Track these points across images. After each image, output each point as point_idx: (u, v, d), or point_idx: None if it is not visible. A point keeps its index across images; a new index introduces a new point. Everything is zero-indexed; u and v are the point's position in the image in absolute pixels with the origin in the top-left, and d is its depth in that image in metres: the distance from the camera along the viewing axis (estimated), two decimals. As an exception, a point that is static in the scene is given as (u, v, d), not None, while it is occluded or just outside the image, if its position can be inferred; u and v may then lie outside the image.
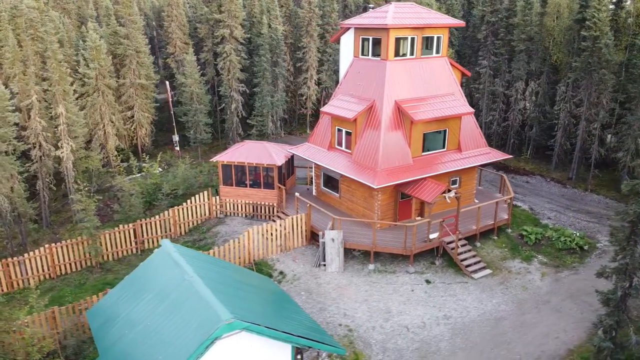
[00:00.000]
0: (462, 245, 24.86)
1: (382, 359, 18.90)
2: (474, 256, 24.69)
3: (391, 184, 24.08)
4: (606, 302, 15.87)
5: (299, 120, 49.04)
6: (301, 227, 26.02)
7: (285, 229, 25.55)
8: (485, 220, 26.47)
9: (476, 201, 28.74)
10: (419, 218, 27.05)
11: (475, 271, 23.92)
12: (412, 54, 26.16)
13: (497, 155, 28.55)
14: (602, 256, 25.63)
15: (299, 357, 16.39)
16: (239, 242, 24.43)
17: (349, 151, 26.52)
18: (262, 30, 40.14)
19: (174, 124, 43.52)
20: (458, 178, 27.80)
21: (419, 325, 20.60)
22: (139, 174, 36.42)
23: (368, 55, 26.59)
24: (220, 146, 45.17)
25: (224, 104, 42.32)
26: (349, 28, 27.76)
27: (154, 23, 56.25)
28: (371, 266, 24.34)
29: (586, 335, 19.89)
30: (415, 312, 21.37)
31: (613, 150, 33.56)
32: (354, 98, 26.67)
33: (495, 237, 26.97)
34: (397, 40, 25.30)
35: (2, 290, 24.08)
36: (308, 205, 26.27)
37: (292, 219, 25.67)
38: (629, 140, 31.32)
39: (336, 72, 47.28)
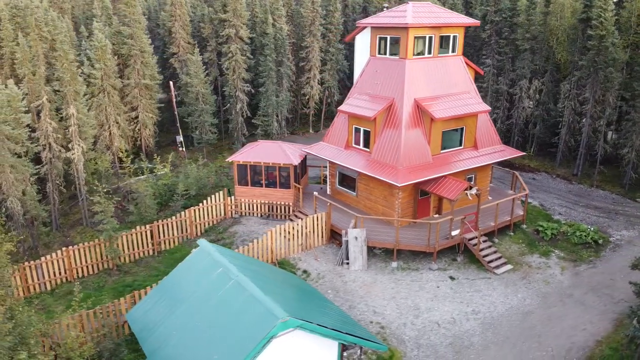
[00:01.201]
0: (483, 242, 25.21)
1: (417, 355, 19.10)
2: (494, 252, 25.07)
3: (413, 182, 24.30)
4: (639, 293, 16.29)
5: (301, 120, 49.05)
6: (321, 226, 26.11)
7: (306, 228, 25.61)
8: (502, 216, 26.88)
9: (490, 198, 29.16)
10: (437, 215, 27.38)
11: (497, 267, 24.29)
12: (429, 52, 26.43)
13: (511, 153, 29.00)
14: (616, 250, 26.26)
15: (345, 354, 16.50)
16: (262, 242, 24.43)
17: (368, 150, 26.68)
18: (267, 30, 40.06)
19: (178, 124, 43.20)
20: (473, 175, 28.17)
21: (449, 320, 20.86)
22: (151, 175, 36.07)
23: (385, 54, 26.78)
24: (224, 146, 45.01)
25: (228, 104, 42.13)
26: (364, 27, 27.92)
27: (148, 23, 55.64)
28: (394, 264, 24.54)
29: (612, 327, 20.39)
30: (443, 308, 21.63)
31: (617, 147, 34.31)
32: (371, 97, 26.83)
33: (512, 233, 27.40)
34: (416, 39, 25.55)
35: (19, 295, 23.69)
36: (328, 204, 26.37)
37: (313, 218, 25.74)
38: (634, 136, 32.10)
39: (339, 71, 47.53)
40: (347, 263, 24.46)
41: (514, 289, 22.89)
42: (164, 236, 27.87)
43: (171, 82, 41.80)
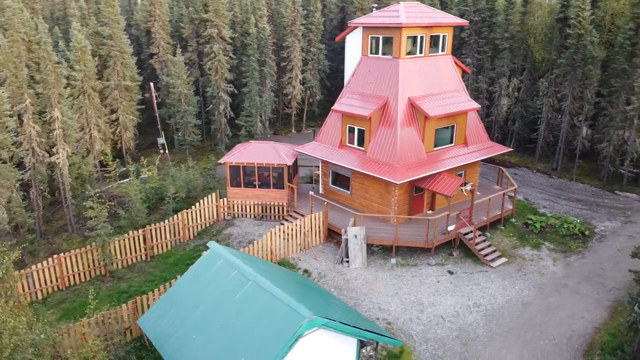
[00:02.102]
0: (478, 236, 25.81)
1: (425, 348, 19.44)
2: (489, 246, 25.72)
3: (411, 179, 24.68)
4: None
5: (282, 120, 48.95)
6: (319, 225, 26.21)
7: (304, 227, 25.66)
8: (493, 211, 27.57)
9: (478, 193, 29.85)
10: (430, 212, 27.87)
11: (492, 260, 24.93)
12: (420, 52, 26.88)
13: (499, 149, 29.78)
14: (602, 240, 27.34)
15: (363, 350, 16.67)
16: (262, 243, 24.35)
17: (362, 148, 26.93)
18: (250, 30, 39.82)
19: (159, 126, 42.48)
20: (463, 172, 28.80)
21: (452, 314, 21.30)
22: (137, 179, 35.36)
23: (378, 54, 27.08)
24: (207, 148, 44.54)
25: (211, 105, 41.67)
26: (355, 27, 28.15)
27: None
28: (393, 260, 24.87)
29: (608, 314, 21.26)
30: (446, 302, 22.07)
31: (594, 142, 35.69)
32: (365, 96, 27.09)
33: (502, 227, 28.16)
34: (409, 38, 25.94)
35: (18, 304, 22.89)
36: (325, 203, 26.50)
37: (311, 217, 25.81)
38: (611, 131, 33.47)
39: (320, 71, 47.65)
40: (347, 261, 24.63)
41: (511, 281, 23.55)
42: (156, 240, 27.42)
43: (151, 84, 41.03)
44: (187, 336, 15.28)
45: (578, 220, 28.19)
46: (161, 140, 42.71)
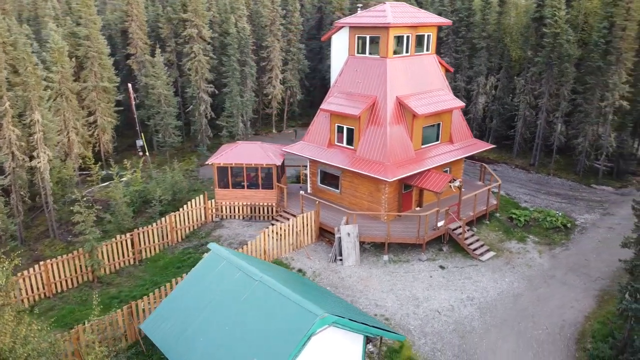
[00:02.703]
0: (466, 231, 26.35)
1: (425, 342, 19.78)
2: (477, 240, 26.31)
3: (402, 176, 25.02)
4: (631, 270, 17.76)
5: (263, 121, 48.75)
6: (310, 224, 26.29)
7: (296, 227, 25.70)
8: (479, 206, 28.22)
9: (463, 189, 30.44)
10: (419, 208, 28.32)
11: (481, 254, 25.52)
12: (407, 51, 27.26)
13: (482, 146, 30.47)
14: (583, 232, 28.32)
15: (369, 346, 16.86)
16: (255, 243, 24.27)
17: (352, 147, 27.14)
18: (230, 30, 39.55)
19: (138, 128, 41.74)
20: (448, 168, 29.36)
21: (448, 308, 21.72)
22: (119, 181, 34.71)
23: (365, 54, 27.33)
24: (187, 149, 44.00)
25: (191, 106, 41.20)
26: (341, 27, 28.34)
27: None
28: (385, 257, 25.17)
29: (595, 303, 22.07)
30: (440, 296, 22.48)
31: (570, 137, 36.87)
32: (353, 95, 27.31)
33: (488, 222, 28.83)
34: (395, 38, 26.29)
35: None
36: (317, 202, 26.61)
37: (303, 217, 25.87)
38: (586, 127, 34.67)
39: (300, 71, 47.70)
40: (341, 259, 24.80)
41: (501, 274, 24.16)
42: (144, 244, 26.99)
43: (129, 85, 40.28)
44: (195, 338, 15.15)
45: (560, 214, 29.13)
46: (140, 142, 42.02)
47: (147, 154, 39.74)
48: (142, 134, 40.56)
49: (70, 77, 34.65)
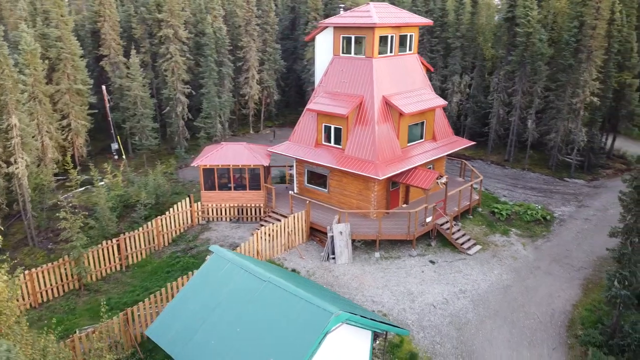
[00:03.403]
0: (450, 226, 26.99)
1: (423, 336, 20.21)
2: (463, 235, 26.99)
3: (392, 174, 25.42)
4: (619, 258, 18.66)
5: (239, 121, 48.38)
6: (301, 224, 26.38)
7: (288, 227, 25.75)
8: (462, 201, 28.94)
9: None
10: (405, 205, 28.82)
11: (469, 248, 26.21)
12: (391, 51, 27.70)
13: (464, 143, 31.27)
14: (562, 224, 29.46)
15: (377, 341, 17.12)
16: (249, 244, 24.19)
17: (340, 146, 27.37)
18: (207, 30, 39.13)
19: (113, 131, 40.79)
20: (432, 165, 29.99)
21: (442, 301, 22.24)
22: (96, 186, 33.88)
23: (350, 54, 27.61)
24: (163, 152, 43.25)
25: (167, 107, 40.53)
26: (325, 27, 28.52)
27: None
28: (377, 254, 25.53)
29: (581, 292, 23.05)
30: (433, 290, 22.97)
31: (543, 133, 38.21)
32: (339, 95, 27.54)
33: (471, 217, 29.60)
34: (380, 38, 26.67)
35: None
36: (307, 202, 26.72)
37: (294, 217, 25.93)
38: (558, 122, 36.04)
39: (277, 71, 47.63)
40: (333, 258, 25.00)
41: (489, 267, 24.89)
42: (131, 249, 26.49)
43: (103, 87, 39.31)
44: (206, 341, 15.04)
45: (539, 207, 30.21)
46: (115, 145, 41.09)
47: (123, 157, 38.86)
48: (118, 137, 39.65)
49: (43, 80, 33.55)
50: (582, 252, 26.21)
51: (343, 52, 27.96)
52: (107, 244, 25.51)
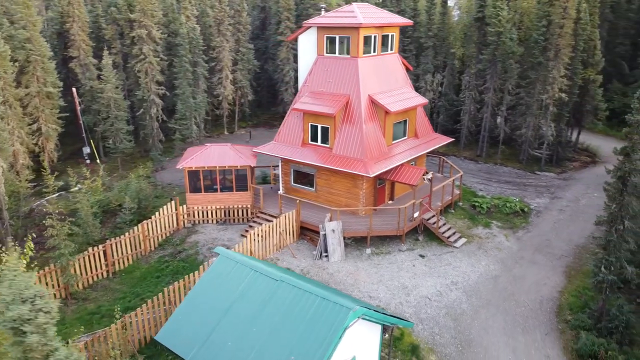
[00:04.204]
0: (436, 220, 27.74)
1: (422, 328, 20.77)
2: (449, 228, 27.79)
3: (381, 171, 25.89)
4: (606, 245, 19.75)
5: (212, 122, 47.83)
6: (292, 224, 26.50)
7: (279, 227, 25.82)
8: (445, 196, 29.77)
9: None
10: (391, 202, 29.40)
11: (455, 241, 27.02)
12: (374, 51, 28.18)
13: (444, 140, 32.16)
14: (539, 215, 30.76)
15: (386, 335, 17.49)
16: (242, 245, 24.11)
17: (327, 145, 27.64)
18: (180, 30, 38.55)
19: (84, 135, 39.62)
20: (414, 162, 30.69)
21: (436, 294, 22.88)
22: (69, 192, 32.93)
23: (335, 53, 27.90)
24: (137, 155, 42.31)
25: (141, 109, 39.70)
26: (308, 27, 28.71)
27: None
28: (368, 250, 25.96)
29: (565, 279, 24.21)
30: (427, 283, 23.59)
31: (514, 128, 39.67)
32: (325, 95, 27.80)
33: (453, 211, 30.49)
34: (365, 38, 27.09)
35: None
36: (297, 201, 26.87)
37: (285, 217, 26.03)
38: (528, 118, 37.53)
39: (250, 71, 47.42)
40: (326, 255, 25.25)
41: (477, 259, 25.76)
42: (118, 255, 25.92)
43: (74, 89, 38.11)
44: (222, 343, 15.00)
45: (517, 199, 31.43)
46: (87, 149, 39.92)
47: (97, 161, 37.81)
48: (91, 141, 38.55)
49: (12, 83, 32.27)
50: (562, 241, 27.48)
51: (327, 52, 28.23)
52: (93, 250, 24.87)
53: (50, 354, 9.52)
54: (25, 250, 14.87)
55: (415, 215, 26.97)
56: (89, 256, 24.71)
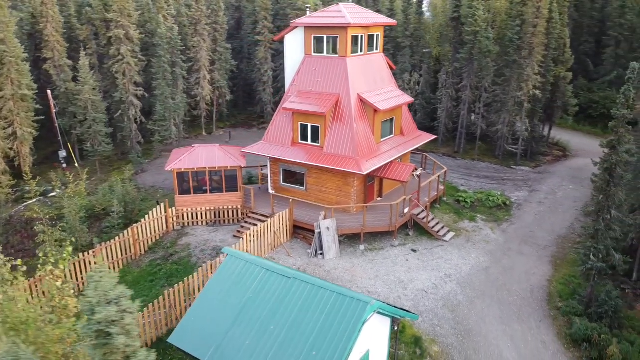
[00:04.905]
0: (426, 215, 28.44)
1: (422, 320, 21.31)
2: (438, 223, 28.52)
3: (373, 168, 26.33)
4: (594, 234, 20.77)
5: (190, 123, 47.23)
6: (285, 223, 26.63)
7: (274, 226, 25.91)
8: (432, 192, 30.51)
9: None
10: (379, 199, 29.91)
11: (444, 235, 27.76)
12: (361, 50, 28.59)
13: (428, 137, 32.92)
14: (520, 208, 31.90)
15: (395, 328, 17.90)
16: (240, 245, 24.08)
17: (318, 144, 27.88)
18: (159, 30, 37.98)
19: (60, 138, 38.53)
20: (400, 159, 31.29)
21: (432, 286, 23.49)
22: (45, 197, 32.05)
23: (323, 53, 28.16)
24: (115, 158, 41.43)
25: (119, 111, 38.89)
26: (295, 27, 28.87)
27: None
28: (362, 247, 26.38)
29: (552, 268, 25.26)
30: (421, 277, 24.19)
31: (490, 125, 40.91)
32: (314, 94, 28.03)
33: (438, 206, 31.29)
34: (353, 38, 27.47)
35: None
36: (290, 201, 27.03)
37: (279, 216, 26.13)
38: (504, 115, 38.79)
39: (228, 70, 47.13)
40: (322, 253, 25.51)
41: (467, 251, 26.55)
42: (108, 260, 25.44)
43: (49, 91, 37.01)
44: (240, 342, 15.07)
45: (499, 193, 32.49)
46: (63, 153, 38.85)
47: (77, 164, 36.84)
48: (69, 144, 37.53)
49: (-14, 86, 31.20)
50: (545, 232, 28.63)
51: (315, 52, 28.46)
52: (84, 256, 24.35)
53: (132, 356, 9.50)
54: (64, 254, 14.57)
55: (406, 211, 27.55)
56: (79, 262, 24.19)
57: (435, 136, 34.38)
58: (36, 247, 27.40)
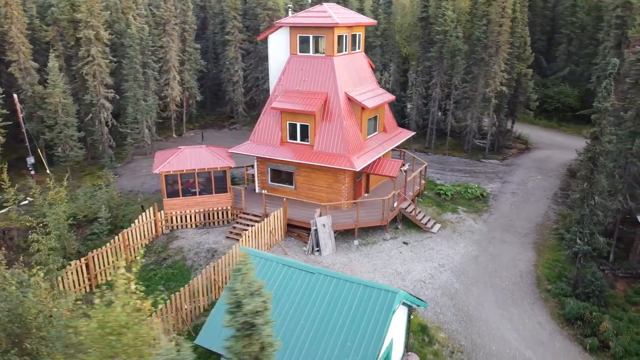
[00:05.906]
0: (414, 209, 29.44)
1: (426, 309, 22.15)
2: (424, 216, 29.57)
3: (365, 165, 26.98)
4: (580, 220, 22.31)
5: (160, 124, 46.18)
6: (280, 221, 26.85)
7: (270, 225, 26.08)
8: (415, 186, 31.56)
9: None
10: (367, 194, 30.65)
11: (432, 227, 28.84)
12: (345, 50, 29.18)
13: (408, 134, 33.97)
14: (496, 199, 33.52)
15: (412, 317, 18.60)
16: (239, 246, 24.12)
17: (308, 143, 28.24)
18: (129, 30, 37.05)
19: (27, 143, 36.87)
20: (383, 155, 32.15)
21: (428, 277, 24.44)
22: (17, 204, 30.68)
23: (308, 53, 28.53)
24: (85, 163, 40.02)
25: (90, 115, 37.64)
26: (279, 27, 29.09)
27: None
28: (356, 242, 27.00)
29: (535, 253, 26.83)
30: (417, 268, 25.09)
31: (459, 120, 42.57)
32: (302, 93, 28.36)
33: (421, 199, 32.41)
34: (338, 37, 28.01)
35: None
36: (284, 199, 27.25)
37: (274, 215, 26.32)
38: (473, 111, 40.52)
39: (197, 71, 46.51)
40: (318, 250, 25.93)
41: (455, 242, 27.72)
42: (100, 267, 24.83)
43: (15, 95, 35.31)
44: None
45: (476, 185, 34.00)
46: (31, 159, 37.19)
47: (47, 171, 35.35)
48: (39, 150, 35.97)
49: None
50: (523, 221, 30.29)
51: (300, 52, 28.77)
52: (75, 264, 23.65)
53: (268, 346, 9.62)
54: (138, 258, 14.25)
55: (395, 205, 28.40)
56: (71, 271, 23.48)
57: (414, 132, 35.46)
58: (20, 257, 26.33)
